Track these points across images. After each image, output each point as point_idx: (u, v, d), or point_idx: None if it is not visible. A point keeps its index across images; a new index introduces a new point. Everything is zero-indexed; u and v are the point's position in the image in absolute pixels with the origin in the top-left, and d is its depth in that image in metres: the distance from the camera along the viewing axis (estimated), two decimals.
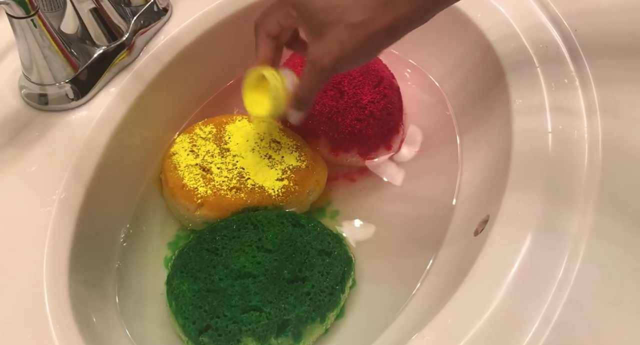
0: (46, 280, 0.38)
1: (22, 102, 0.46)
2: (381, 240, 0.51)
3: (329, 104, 0.53)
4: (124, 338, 0.43)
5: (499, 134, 0.48)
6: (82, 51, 0.47)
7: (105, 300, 0.44)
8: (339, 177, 0.54)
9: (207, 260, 0.44)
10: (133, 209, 0.50)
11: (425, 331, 0.36)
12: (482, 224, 0.44)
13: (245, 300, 0.42)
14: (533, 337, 0.35)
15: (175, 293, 0.43)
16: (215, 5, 0.55)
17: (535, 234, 0.39)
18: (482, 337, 0.35)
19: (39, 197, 0.41)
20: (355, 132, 0.52)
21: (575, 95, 0.46)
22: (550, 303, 0.36)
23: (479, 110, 0.54)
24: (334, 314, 0.44)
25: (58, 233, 0.40)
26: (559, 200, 0.40)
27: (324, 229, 0.47)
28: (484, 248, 0.39)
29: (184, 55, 0.53)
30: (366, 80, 0.55)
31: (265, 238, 0.45)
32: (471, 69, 0.56)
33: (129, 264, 0.47)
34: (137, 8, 0.51)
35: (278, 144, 0.51)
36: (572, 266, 0.37)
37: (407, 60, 0.62)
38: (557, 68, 0.48)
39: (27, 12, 0.41)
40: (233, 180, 0.48)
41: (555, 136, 0.44)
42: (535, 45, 0.50)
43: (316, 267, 0.44)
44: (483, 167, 0.51)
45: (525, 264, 0.37)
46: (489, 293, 0.36)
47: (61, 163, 0.43)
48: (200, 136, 0.51)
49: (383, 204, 0.53)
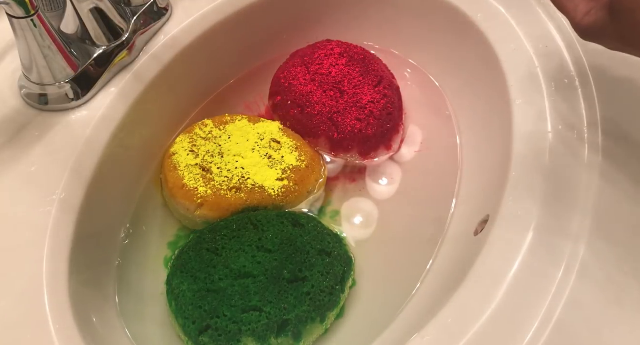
0: (46, 280, 0.38)
1: (22, 102, 0.46)
2: (381, 240, 0.51)
3: (329, 104, 0.53)
4: (124, 338, 0.43)
5: (499, 134, 0.49)
6: (82, 51, 0.47)
7: (105, 300, 0.44)
8: (339, 177, 0.54)
9: (207, 260, 0.44)
10: (133, 209, 0.50)
11: (425, 331, 0.36)
12: (482, 224, 0.44)
13: (245, 300, 0.42)
14: (533, 337, 0.35)
15: (175, 293, 0.43)
16: (215, 5, 0.55)
17: (535, 234, 0.39)
18: (482, 337, 0.35)
19: (38, 197, 0.41)
20: (355, 132, 0.52)
21: (575, 95, 0.46)
22: (550, 303, 0.36)
23: (479, 110, 0.54)
24: (334, 314, 0.44)
25: (58, 233, 0.40)
26: (559, 200, 0.40)
27: (324, 229, 0.47)
28: (484, 248, 0.39)
29: (184, 55, 0.53)
30: (366, 80, 0.55)
31: (265, 238, 0.45)
32: (471, 69, 0.56)
33: (129, 264, 0.47)
34: (137, 8, 0.51)
35: (278, 144, 0.51)
36: (572, 266, 0.37)
37: (407, 60, 0.62)
38: (557, 68, 0.48)
39: (27, 12, 0.41)
40: (233, 180, 0.48)
41: (555, 136, 0.44)
42: (535, 45, 0.50)
43: (316, 267, 0.44)
44: (483, 167, 0.51)
45: (525, 264, 0.37)
46: (489, 293, 0.36)
47: (61, 163, 0.43)
48: (200, 136, 0.51)
49: (383, 204, 0.53)
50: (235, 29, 0.56)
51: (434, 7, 0.58)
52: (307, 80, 0.55)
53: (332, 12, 0.62)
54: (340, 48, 0.57)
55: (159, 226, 0.51)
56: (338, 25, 0.62)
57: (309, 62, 0.56)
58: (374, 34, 0.63)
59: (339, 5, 0.61)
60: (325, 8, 0.61)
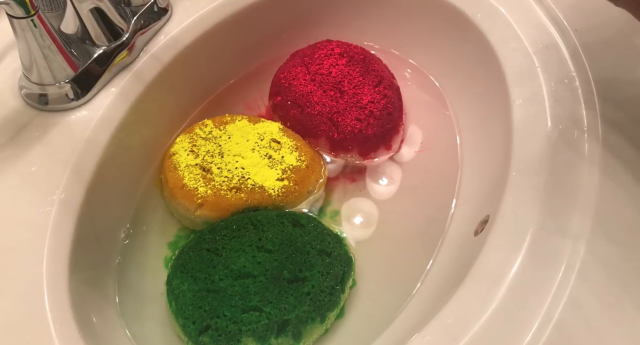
0: (46, 280, 0.38)
1: (22, 102, 0.46)
2: (381, 240, 0.51)
3: (329, 104, 0.53)
4: (124, 338, 0.43)
5: (499, 134, 0.49)
6: (82, 51, 0.47)
7: (105, 300, 0.44)
8: (339, 177, 0.54)
9: (207, 260, 0.44)
10: (133, 209, 0.50)
11: (425, 331, 0.36)
12: (482, 224, 0.44)
13: (245, 300, 0.42)
14: (533, 337, 0.35)
15: (175, 293, 0.43)
16: (215, 5, 0.55)
17: (535, 234, 0.39)
18: (482, 337, 0.35)
19: (39, 197, 0.41)
20: (355, 132, 0.52)
21: (575, 95, 0.46)
22: (550, 303, 0.36)
23: (479, 110, 0.54)
24: (334, 314, 0.44)
25: (58, 233, 0.40)
26: (559, 200, 0.40)
27: (324, 229, 0.47)
28: (484, 248, 0.39)
29: (184, 55, 0.53)
30: (366, 80, 0.55)
31: (265, 238, 0.45)
32: (471, 69, 0.56)
33: (129, 264, 0.47)
34: (137, 8, 0.51)
35: (278, 144, 0.51)
36: (572, 266, 0.37)
37: (407, 60, 0.62)
38: (557, 68, 0.48)
39: (27, 12, 0.41)
40: (233, 180, 0.48)
41: (555, 136, 0.44)
42: (535, 45, 0.50)
43: (316, 267, 0.44)
44: (483, 167, 0.51)
45: (526, 263, 0.37)
46: (489, 293, 0.36)
47: (61, 163, 0.43)
48: (200, 136, 0.51)
49: (383, 204, 0.53)
50: (235, 29, 0.56)
51: (434, 7, 0.58)
52: (307, 80, 0.55)
53: (332, 12, 0.62)
54: (340, 48, 0.57)
55: (159, 226, 0.51)
56: (338, 25, 0.62)
57: (309, 62, 0.56)
58: (374, 34, 0.63)
59: (339, 6, 0.61)
60: (325, 8, 0.61)
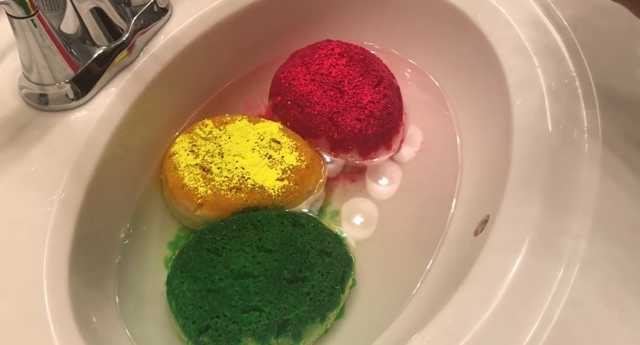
0: (46, 280, 0.38)
1: (22, 102, 0.46)
2: (381, 240, 0.50)
3: (329, 104, 0.53)
4: (124, 338, 0.43)
5: (499, 134, 0.49)
6: (82, 51, 0.47)
7: (105, 300, 0.44)
8: (339, 177, 0.54)
9: (207, 260, 0.44)
10: (133, 209, 0.50)
11: (425, 331, 0.36)
12: (482, 224, 0.44)
13: (245, 300, 0.42)
14: (533, 337, 0.35)
15: (175, 293, 0.43)
16: (215, 5, 0.55)
17: (535, 234, 0.39)
18: (482, 337, 0.35)
19: (39, 197, 0.41)
20: (355, 132, 0.52)
21: (575, 95, 0.46)
22: (550, 303, 0.36)
23: (479, 110, 0.54)
24: (334, 314, 0.44)
25: (58, 233, 0.40)
26: (559, 200, 0.40)
27: (324, 229, 0.47)
28: (484, 248, 0.39)
29: (184, 55, 0.53)
30: (366, 80, 0.55)
31: (265, 238, 0.45)
32: (471, 69, 0.56)
33: (129, 264, 0.47)
34: (137, 8, 0.51)
35: (278, 144, 0.51)
36: (572, 266, 0.37)
37: (407, 60, 0.62)
38: (557, 68, 0.48)
39: (27, 12, 0.41)
40: (233, 180, 0.48)
41: (555, 136, 0.44)
42: (535, 45, 0.50)
43: (316, 267, 0.44)
44: (483, 167, 0.51)
45: (525, 264, 0.37)
46: (489, 293, 0.36)
47: (61, 163, 0.43)
48: (200, 136, 0.51)
49: (383, 204, 0.53)
50: (235, 29, 0.56)
51: (434, 7, 0.58)
52: (307, 80, 0.55)
53: (332, 12, 0.62)
54: (340, 48, 0.57)
55: (159, 226, 0.51)
56: (338, 25, 0.62)
57: (309, 62, 0.56)
58: (374, 34, 0.63)
59: (339, 6, 0.61)
60: (325, 8, 0.61)
